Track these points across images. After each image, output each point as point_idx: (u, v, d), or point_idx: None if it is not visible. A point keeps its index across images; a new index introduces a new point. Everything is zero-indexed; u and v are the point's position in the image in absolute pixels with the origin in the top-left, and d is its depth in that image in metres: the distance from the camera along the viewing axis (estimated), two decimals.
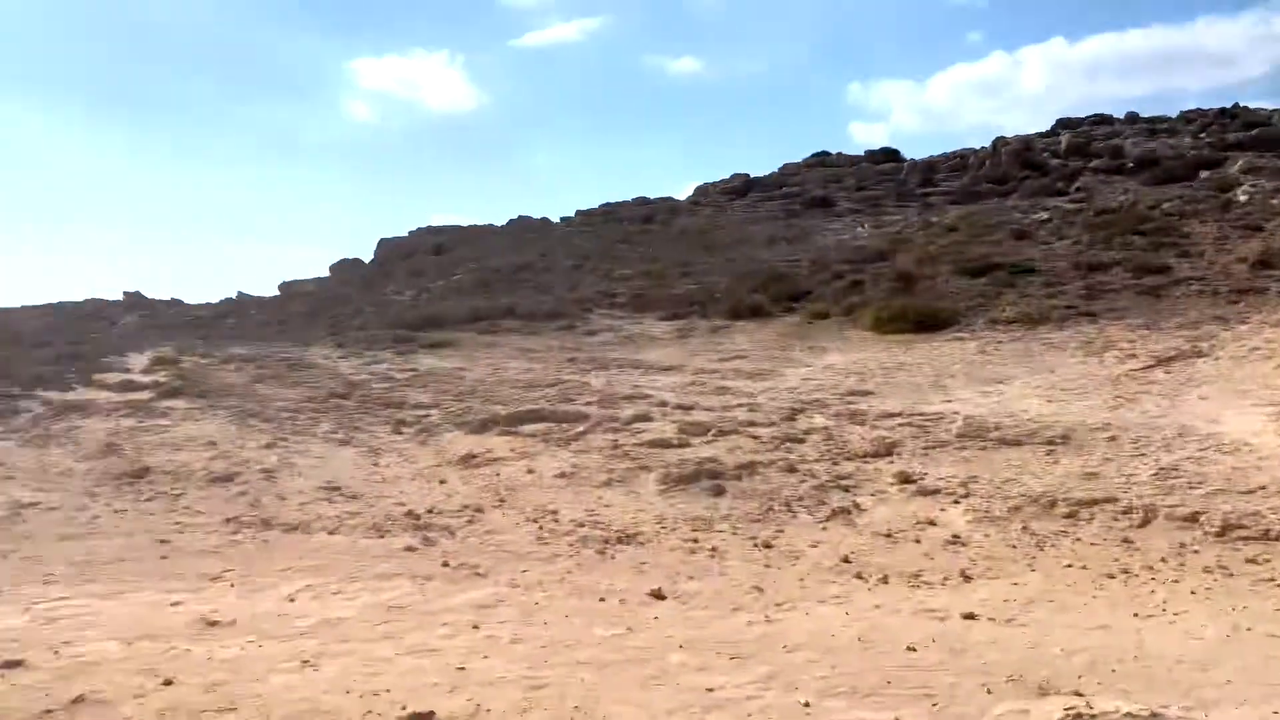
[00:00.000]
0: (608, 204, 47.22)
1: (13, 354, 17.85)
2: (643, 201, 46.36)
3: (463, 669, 5.10)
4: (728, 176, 47.41)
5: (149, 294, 40.26)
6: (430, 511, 8.83)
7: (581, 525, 8.39)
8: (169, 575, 7.02)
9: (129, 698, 4.70)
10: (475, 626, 5.86)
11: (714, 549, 7.84)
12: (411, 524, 8.48)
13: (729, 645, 5.57)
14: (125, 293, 40.43)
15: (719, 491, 9.32)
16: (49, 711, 4.53)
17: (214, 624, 5.86)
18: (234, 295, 39.22)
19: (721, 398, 13.24)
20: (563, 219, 46.97)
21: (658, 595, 6.65)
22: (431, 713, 4.51)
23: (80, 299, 40.25)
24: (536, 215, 47.23)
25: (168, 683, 4.85)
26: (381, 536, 8.11)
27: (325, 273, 45.22)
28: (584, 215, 46.34)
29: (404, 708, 4.56)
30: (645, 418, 11.90)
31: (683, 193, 49.65)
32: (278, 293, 41.48)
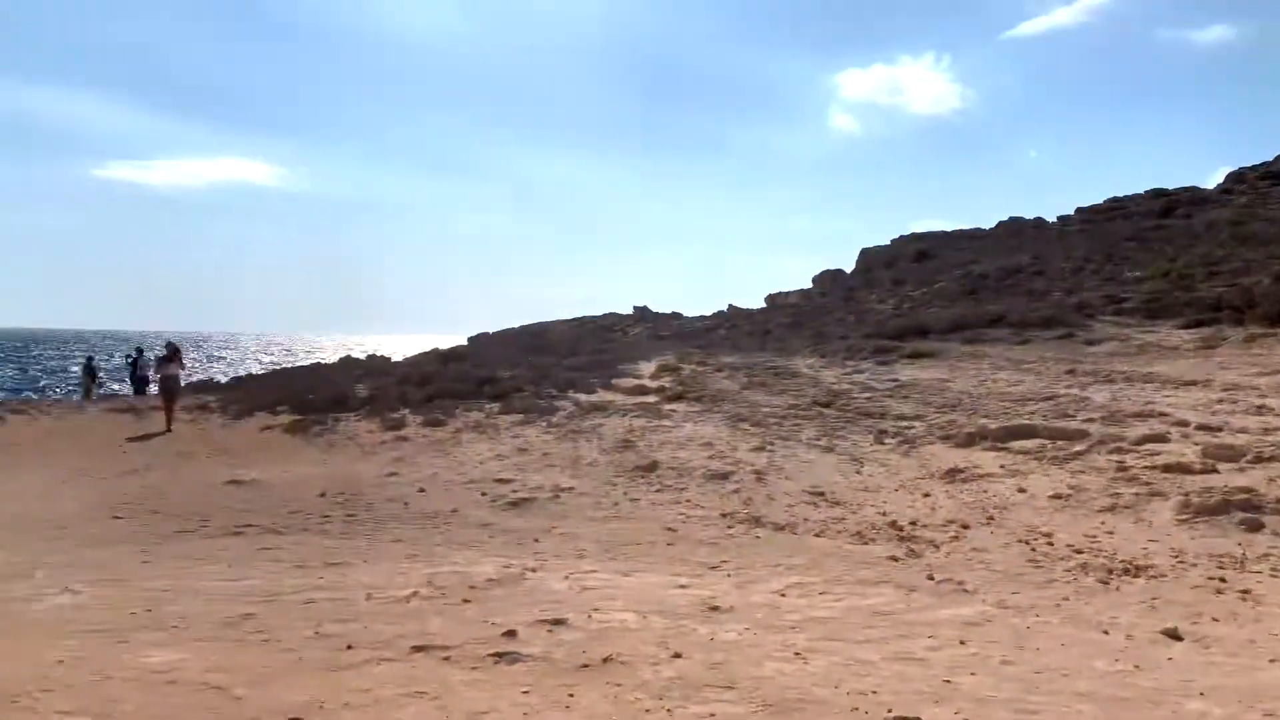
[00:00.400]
0: (1114, 199, 43.01)
1: (551, 362, 21.04)
2: (1158, 193, 41.46)
3: (949, 682, 5.01)
4: (1270, 159, 40.65)
5: (654, 308, 45.00)
6: (913, 524, 8.75)
7: (1080, 551, 7.75)
8: (675, 560, 7.79)
9: (646, 663, 5.30)
10: (962, 642, 5.71)
11: (1246, 591, 6.78)
12: (894, 534, 8.48)
13: (1265, 699, 4.79)
14: (635, 307, 45.57)
15: (1255, 526, 8.02)
16: (585, 666, 5.28)
17: (715, 608, 6.38)
18: (725, 307, 42.33)
19: (1260, 418, 11.38)
20: (1059, 218, 43.71)
21: (1172, 635, 5.93)
22: (918, 719, 4.50)
23: (599, 313, 46.25)
24: (1028, 215, 44.58)
25: (676, 655, 5.39)
26: (865, 543, 8.23)
27: (808, 283, 46.82)
28: (1085, 212, 42.69)
29: (890, 710, 4.59)
30: (1159, 438, 10.65)
31: (1210, 180, 43.63)
32: (763, 304, 43.93)
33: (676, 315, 43.83)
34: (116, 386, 29.34)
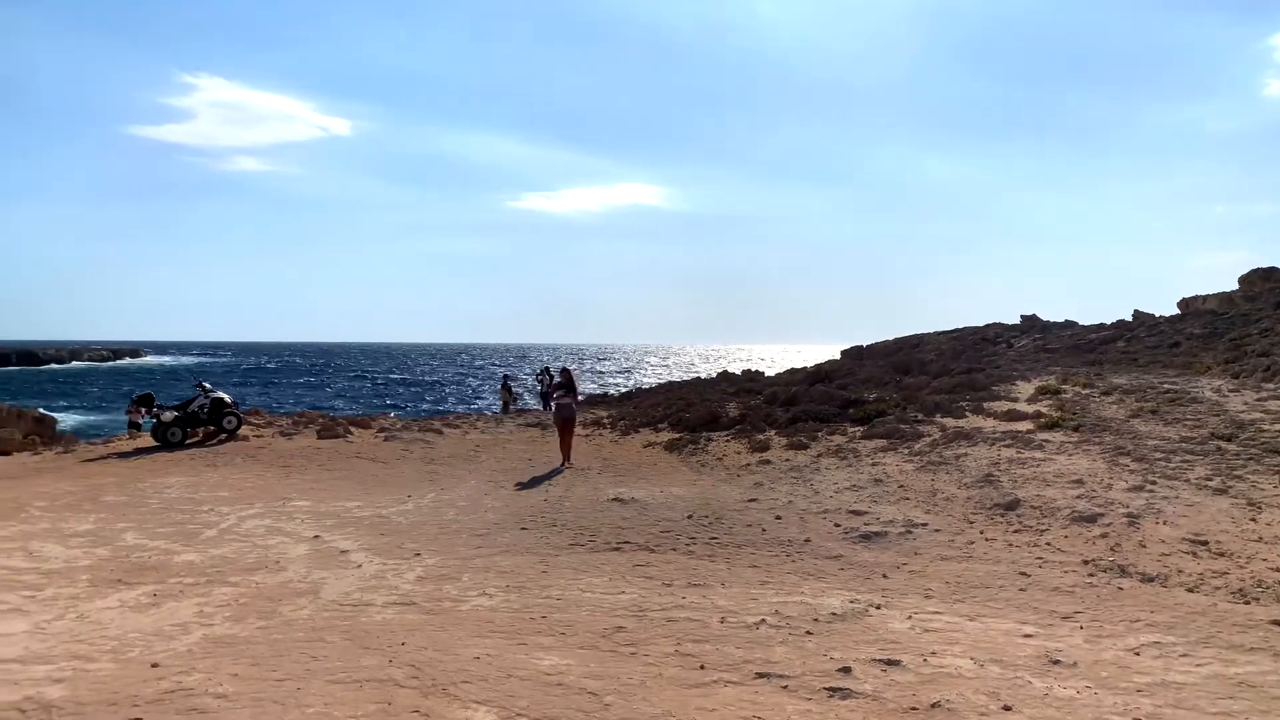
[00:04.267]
0: None
1: (919, 382, 20.78)
2: None
3: None
4: None
5: (1044, 315, 42.17)
6: None
7: None
8: (1024, 607, 7.69)
9: (973, 713, 5.46)
10: None
11: None
12: None
13: None
14: (1022, 315, 43.03)
15: None
16: (913, 709, 5.56)
17: (1056, 662, 6.31)
18: (1129, 315, 38.56)
19: None
20: None
21: None
22: None
23: (981, 323, 44.20)
24: None
25: (1006, 708, 5.49)
26: (1246, 603, 7.52)
27: (1233, 284, 41.29)
28: None
29: None
30: None
31: None
32: (1175, 310, 39.37)
33: (1069, 324, 40.77)
34: (532, 405, 33.43)
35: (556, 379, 17.72)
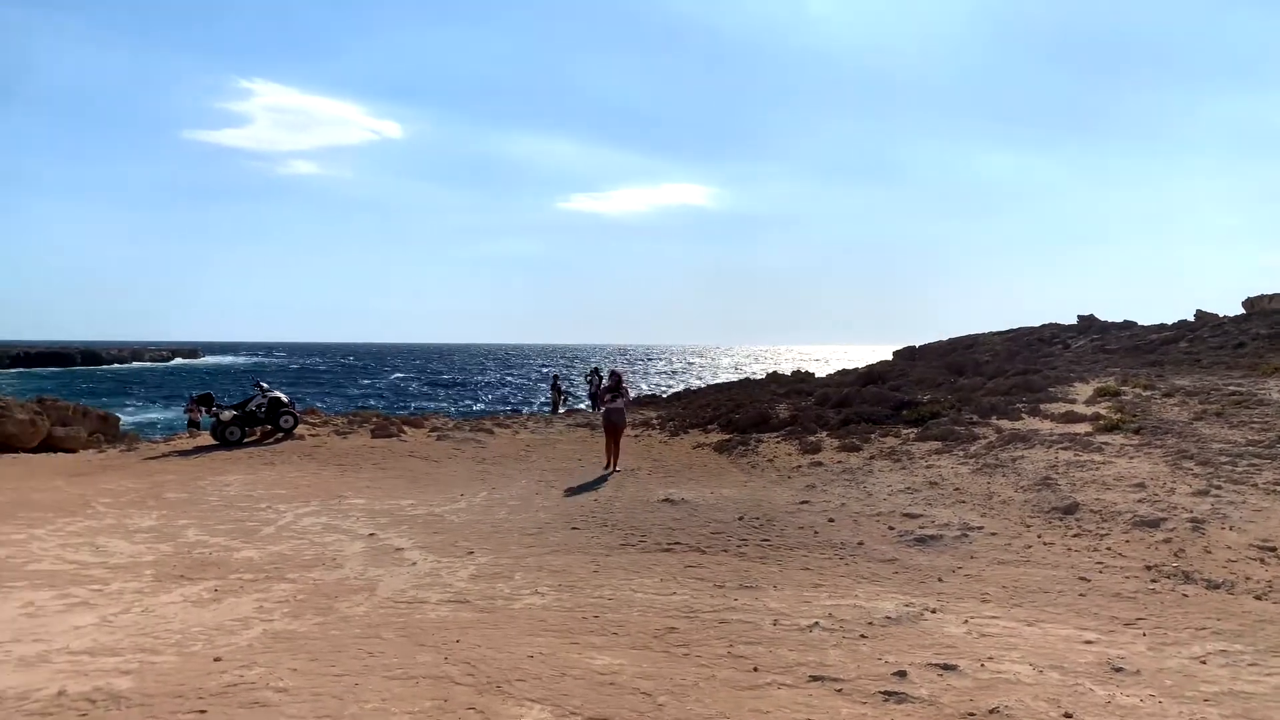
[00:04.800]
0: None
1: (974, 383, 20.47)
2: None
3: None
4: None
5: (1102, 315, 41.28)
6: None
7: None
8: (1084, 613, 7.54)
9: None
10: None
11: None
12: None
13: None
14: (1079, 316, 42.19)
15: None
16: (970, 715, 5.47)
17: (1119, 670, 6.18)
18: (1190, 315, 37.59)
19: None
20: None
21: None
22: None
23: (1037, 323, 43.42)
24: None
25: (1066, 715, 5.38)
26: None
27: None
28: None
29: None
30: None
31: None
32: (1241, 310, 38.28)
33: (1128, 325, 39.85)
34: (581, 405, 33.56)
35: (606, 381, 17.34)
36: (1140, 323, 39.88)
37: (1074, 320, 42.16)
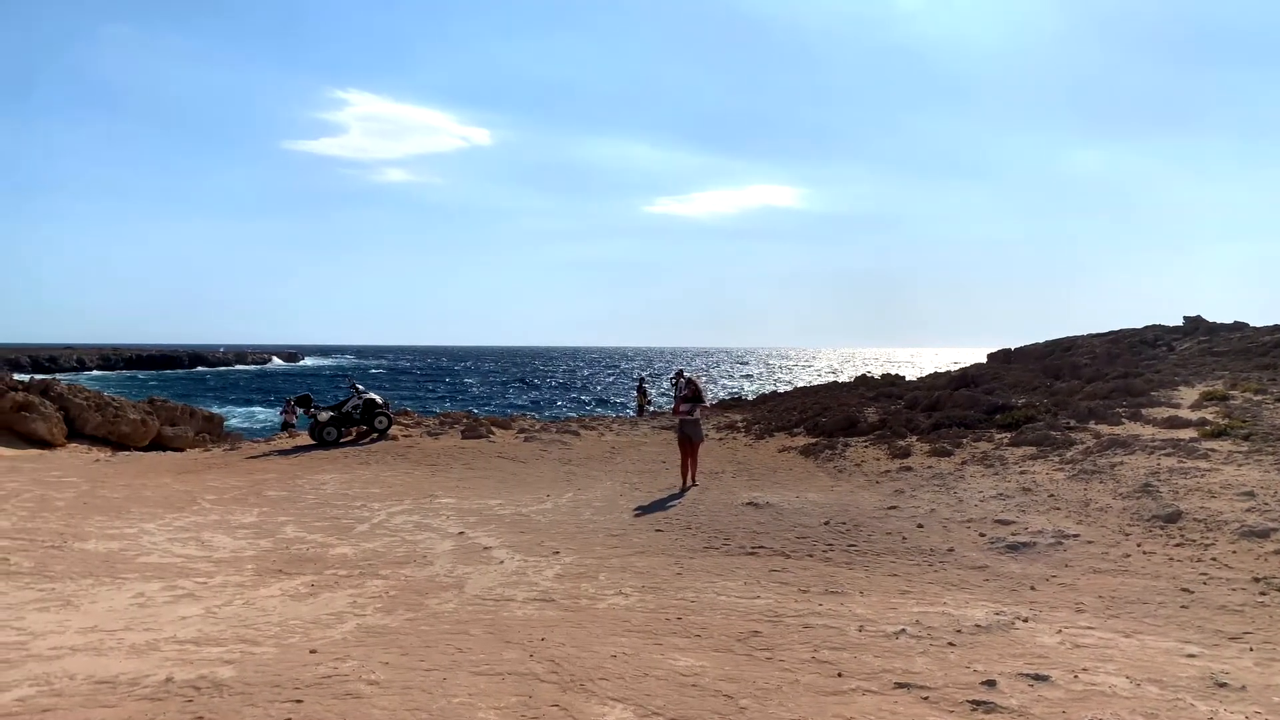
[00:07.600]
0: None
1: (1071, 387, 19.83)
2: None
3: None
4: None
5: (1210, 316, 39.56)
6: None
7: None
8: (1187, 625, 7.25)
9: None
10: None
11: None
12: None
13: None
14: (1185, 317, 40.50)
15: None
16: None
17: (1223, 685, 5.92)
18: None
19: None
20: None
21: None
22: None
23: (1139, 325, 41.82)
24: None
25: None
26: None
27: None
28: None
29: None
30: None
31: None
32: None
33: (1239, 326, 38.05)
34: (667, 409, 33.61)
35: (684, 390, 15.65)
36: (1252, 324, 38.08)
37: (1180, 321, 40.50)
